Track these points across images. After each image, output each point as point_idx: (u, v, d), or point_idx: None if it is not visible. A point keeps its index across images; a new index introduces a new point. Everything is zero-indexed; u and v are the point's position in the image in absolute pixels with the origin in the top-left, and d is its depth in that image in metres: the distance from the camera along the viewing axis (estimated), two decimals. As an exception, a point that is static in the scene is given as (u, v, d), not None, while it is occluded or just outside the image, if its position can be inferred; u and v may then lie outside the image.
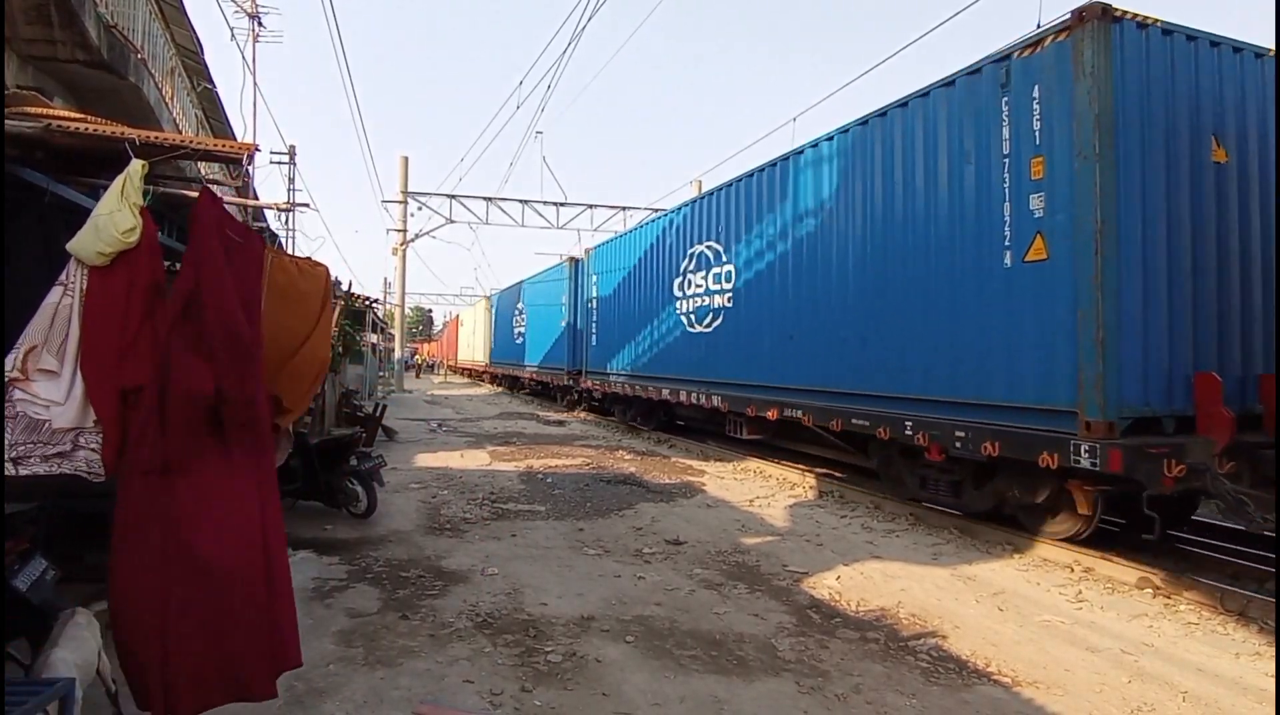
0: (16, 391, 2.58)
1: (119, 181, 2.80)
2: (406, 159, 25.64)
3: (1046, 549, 6.09)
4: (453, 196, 25.25)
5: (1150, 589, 5.20)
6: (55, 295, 2.69)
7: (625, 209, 25.90)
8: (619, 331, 15.16)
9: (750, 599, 4.86)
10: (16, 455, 2.57)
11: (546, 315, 21.34)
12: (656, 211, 16.90)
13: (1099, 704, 3.46)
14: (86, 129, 3.24)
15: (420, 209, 25.65)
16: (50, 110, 3.62)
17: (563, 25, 41.08)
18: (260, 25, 20.41)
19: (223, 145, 3.82)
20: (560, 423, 17.13)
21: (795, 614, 4.59)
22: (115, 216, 2.72)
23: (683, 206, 12.44)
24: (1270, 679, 3.76)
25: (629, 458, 11.41)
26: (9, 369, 2.58)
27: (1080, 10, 5.37)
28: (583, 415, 18.85)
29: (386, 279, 29.13)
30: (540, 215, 25.50)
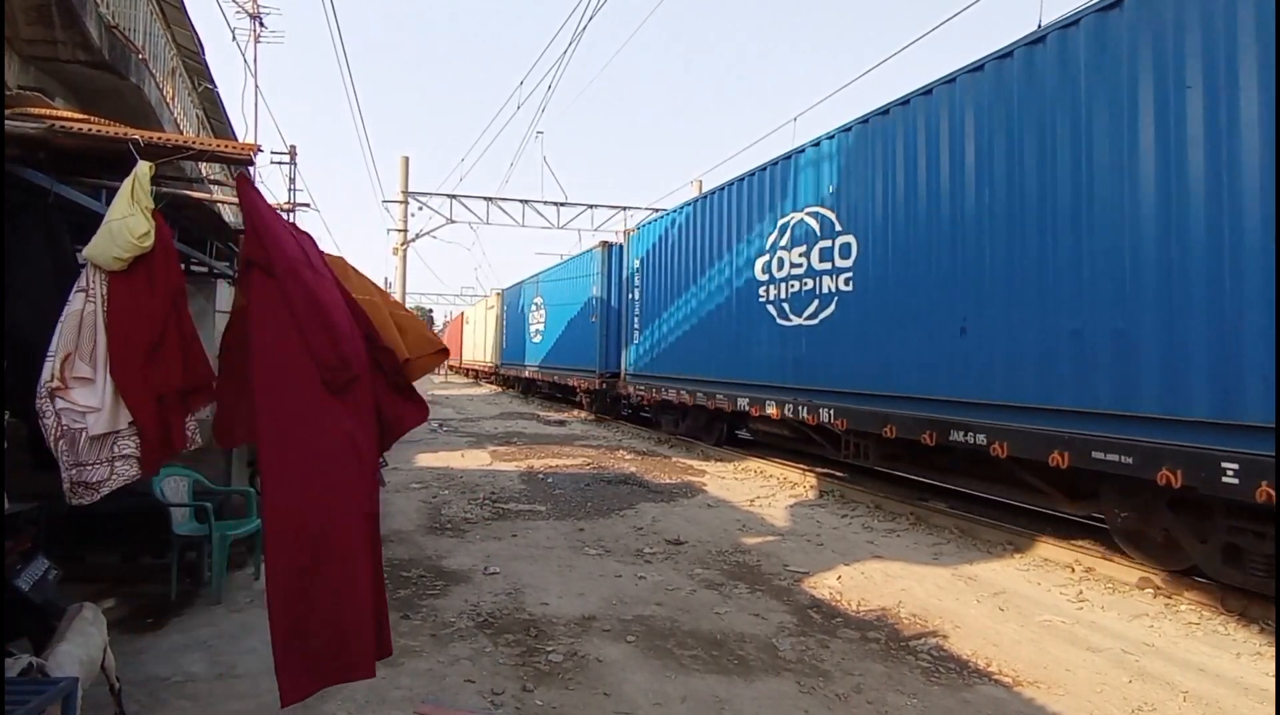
0: (59, 401, 2.61)
1: (127, 184, 2.81)
2: (407, 159, 25.63)
3: (1047, 549, 6.09)
4: (453, 196, 25.22)
5: (1151, 589, 5.21)
6: (78, 302, 2.70)
7: (626, 209, 25.86)
8: (669, 327, 12.65)
9: (751, 599, 4.86)
10: (72, 478, 2.61)
11: (571, 311, 18.91)
12: (657, 211, 15.90)
13: (1100, 704, 3.46)
14: (90, 130, 3.24)
15: (421, 209, 25.61)
16: (53, 111, 3.62)
17: (563, 25, 41.16)
18: (261, 25, 20.48)
19: (225, 146, 3.82)
20: (561, 423, 17.12)
21: (796, 614, 4.59)
22: (129, 221, 2.74)
23: (756, 170, 9.89)
24: (1271, 679, 3.76)
25: (629, 458, 11.41)
26: (49, 379, 2.59)
27: None
28: (604, 421, 17.18)
29: (387, 279, 29.02)
30: (540, 215, 25.48)
